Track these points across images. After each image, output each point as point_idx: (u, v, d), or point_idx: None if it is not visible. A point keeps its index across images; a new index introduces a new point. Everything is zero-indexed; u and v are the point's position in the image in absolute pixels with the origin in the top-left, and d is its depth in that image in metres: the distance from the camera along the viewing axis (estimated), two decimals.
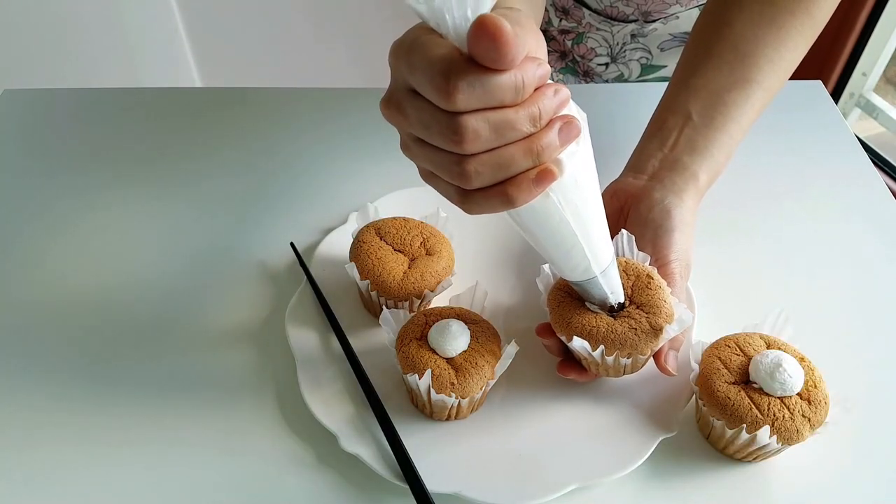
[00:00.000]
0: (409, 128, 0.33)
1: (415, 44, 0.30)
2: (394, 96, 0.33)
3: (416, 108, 0.31)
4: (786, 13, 0.53)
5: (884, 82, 1.53)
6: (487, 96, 0.29)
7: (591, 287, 0.43)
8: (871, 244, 0.60)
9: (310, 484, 0.45)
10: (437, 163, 0.33)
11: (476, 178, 0.32)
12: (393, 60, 0.32)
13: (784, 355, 0.44)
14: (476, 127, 0.30)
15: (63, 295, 0.57)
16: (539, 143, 0.31)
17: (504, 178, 0.32)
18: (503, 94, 0.30)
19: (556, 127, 0.32)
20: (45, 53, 1.30)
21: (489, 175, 0.32)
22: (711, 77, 0.53)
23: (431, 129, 0.31)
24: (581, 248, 0.38)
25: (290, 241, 0.59)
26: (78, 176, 0.67)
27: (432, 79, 0.29)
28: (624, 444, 0.46)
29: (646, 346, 0.44)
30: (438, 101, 0.30)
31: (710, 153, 0.52)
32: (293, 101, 0.74)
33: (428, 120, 0.31)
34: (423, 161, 0.34)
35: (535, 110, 0.31)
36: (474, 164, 0.31)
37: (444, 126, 0.30)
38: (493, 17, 0.27)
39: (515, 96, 0.30)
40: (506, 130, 0.31)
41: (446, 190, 0.34)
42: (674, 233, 0.49)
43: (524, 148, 0.31)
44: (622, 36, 0.79)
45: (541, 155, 0.32)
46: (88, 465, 0.46)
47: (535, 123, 0.31)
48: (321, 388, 0.49)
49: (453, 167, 0.32)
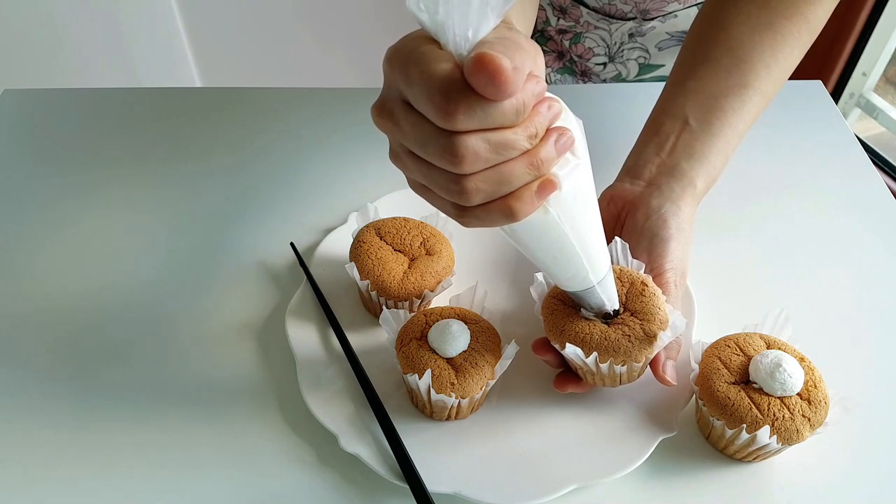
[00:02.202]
0: (403, 140, 0.32)
1: (413, 55, 0.29)
2: (387, 105, 0.32)
3: (411, 123, 0.30)
4: (782, 17, 0.53)
5: (884, 82, 1.53)
6: (488, 119, 0.29)
7: (589, 296, 0.43)
8: (871, 244, 0.60)
9: (310, 484, 0.45)
10: (433, 179, 0.32)
11: (476, 195, 0.31)
12: (388, 68, 0.31)
13: (784, 355, 0.44)
14: (476, 148, 0.29)
15: (63, 294, 0.57)
16: (538, 157, 0.31)
17: (505, 193, 0.32)
18: (504, 118, 0.29)
19: (551, 140, 0.31)
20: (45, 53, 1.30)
21: (490, 192, 0.31)
22: (708, 81, 0.53)
23: (428, 146, 0.30)
24: (580, 259, 0.38)
25: (290, 241, 0.59)
26: (78, 176, 0.67)
27: (431, 97, 0.28)
28: (624, 445, 0.46)
29: (640, 354, 0.44)
30: (436, 119, 0.29)
31: (708, 159, 0.52)
32: (293, 101, 0.74)
33: (424, 137, 0.30)
34: (416, 175, 0.33)
35: (533, 128, 0.30)
36: (474, 181, 0.31)
37: (442, 146, 0.29)
38: (491, 56, 0.27)
39: (516, 118, 0.30)
40: (505, 149, 0.30)
41: (441, 204, 0.34)
42: (669, 242, 0.49)
43: (526, 163, 0.31)
44: (620, 35, 0.79)
45: (540, 168, 0.31)
46: (88, 466, 0.46)
47: (532, 140, 0.31)
48: (321, 388, 0.49)
49: (451, 185, 0.31)
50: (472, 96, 0.28)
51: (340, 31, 1.58)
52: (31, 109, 0.74)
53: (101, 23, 1.36)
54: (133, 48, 1.43)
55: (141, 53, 1.45)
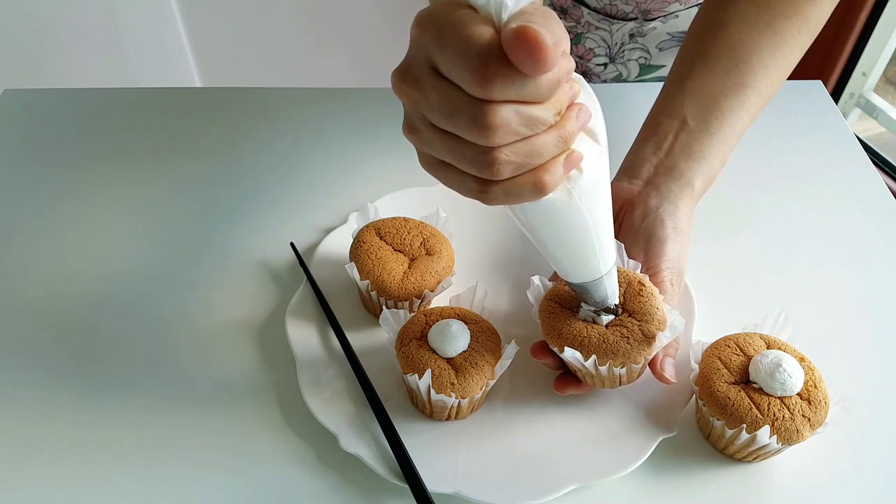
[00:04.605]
0: (426, 109, 0.30)
1: (449, 18, 0.28)
2: (411, 70, 0.30)
3: (439, 92, 0.29)
4: (781, 17, 0.53)
5: (884, 82, 1.53)
6: (524, 91, 0.28)
7: (595, 288, 0.42)
8: (871, 244, 0.60)
9: (310, 484, 0.45)
10: (457, 153, 0.31)
11: (506, 167, 0.30)
12: (417, 32, 0.29)
13: (784, 355, 0.44)
14: (508, 119, 0.29)
15: (62, 294, 0.57)
16: (566, 130, 0.31)
17: (535, 165, 0.31)
18: (539, 93, 0.29)
19: (573, 114, 0.31)
20: (45, 53, 1.30)
21: (519, 164, 0.30)
22: (707, 80, 0.53)
23: (455, 116, 0.29)
24: (593, 246, 0.37)
25: (290, 241, 0.59)
26: (77, 176, 0.67)
27: (469, 62, 0.27)
28: (624, 444, 0.46)
29: (639, 355, 0.44)
30: (470, 85, 0.28)
31: (706, 159, 0.52)
32: (293, 101, 0.74)
33: (452, 106, 0.29)
34: (435, 148, 0.32)
35: (559, 104, 0.30)
36: (505, 153, 0.30)
37: (473, 115, 0.28)
38: (534, 30, 0.26)
39: (549, 94, 0.29)
40: (534, 123, 0.30)
41: (460, 181, 0.32)
42: (666, 242, 0.49)
43: (555, 135, 0.31)
44: (621, 35, 0.79)
45: (568, 141, 0.31)
46: (87, 466, 0.46)
47: (556, 116, 0.30)
48: (321, 388, 0.49)
49: (479, 157, 0.30)
50: (511, 65, 0.27)
51: (340, 31, 1.58)
52: (31, 109, 0.74)
53: (101, 23, 1.36)
54: (133, 48, 1.43)
55: (141, 53, 1.45)
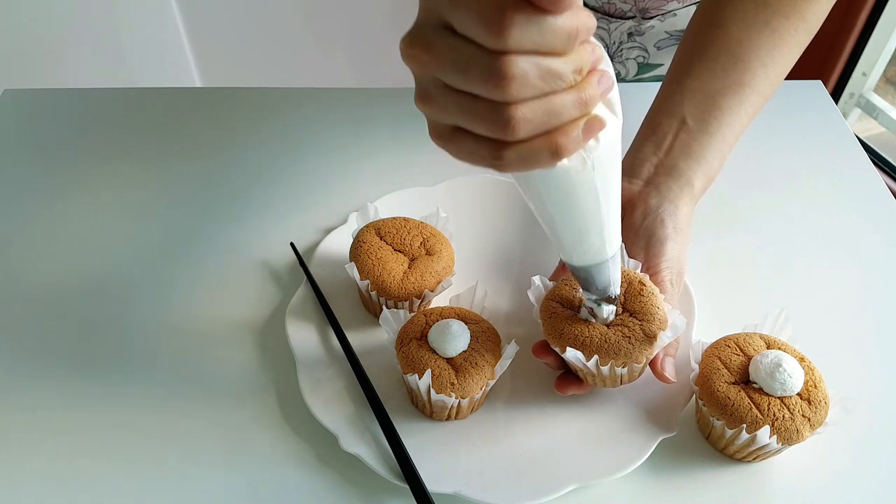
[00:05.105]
0: (438, 69, 0.29)
1: None
2: (421, 32, 0.29)
3: (451, 47, 0.28)
4: (780, 16, 0.53)
5: (884, 82, 1.53)
6: (541, 38, 0.27)
7: (598, 272, 0.41)
8: (871, 244, 0.60)
9: (310, 484, 0.45)
10: (472, 111, 0.29)
11: (523, 125, 0.29)
12: None
13: (784, 355, 0.44)
14: (525, 70, 0.27)
15: (62, 294, 0.57)
16: (586, 93, 0.30)
17: (551, 128, 0.30)
18: (557, 40, 0.28)
19: (595, 78, 0.30)
20: (45, 53, 1.30)
21: (537, 124, 0.29)
22: (706, 80, 0.53)
23: (470, 70, 0.28)
24: (601, 224, 0.37)
25: (290, 241, 0.59)
26: (78, 175, 0.67)
27: (483, 10, 0.27)
28: (624, 444, 0.46)
29: (640, 354, 0.44)
30: (486, 35, 0.27)
31: (706, 159, 0.52)
32: (293, 101, 0.74)
33: (466, 60, 0.28)
34: (449, 111, 0.30)
35: (579, 62, 0.29)
36: (522, 110, 0.28)
37: (488, 67, 0.27)
38: None
39: (567, 44, 0.28)
40: (553, 78, 0.28)
41: (474, 147, 0.31)
42: (666, 242, 0.49)
43: (575, 96, 0.29)
44: (619, 34, 0.79)
45: (587, 105, 0.30)
46: (87, 465, 0.46)
47: (577, 75, 0.29)
48: (321, 388, 0.49)
49: (494, 115, 0.29)
50: (528, 9, 0.26)
51: (340, 31, 1.58)
52: (31, 109, 0.74)
53: (101, 23, 1.36)
54: (133, 48, 1.43)
55: (141, 53, 1.45)
